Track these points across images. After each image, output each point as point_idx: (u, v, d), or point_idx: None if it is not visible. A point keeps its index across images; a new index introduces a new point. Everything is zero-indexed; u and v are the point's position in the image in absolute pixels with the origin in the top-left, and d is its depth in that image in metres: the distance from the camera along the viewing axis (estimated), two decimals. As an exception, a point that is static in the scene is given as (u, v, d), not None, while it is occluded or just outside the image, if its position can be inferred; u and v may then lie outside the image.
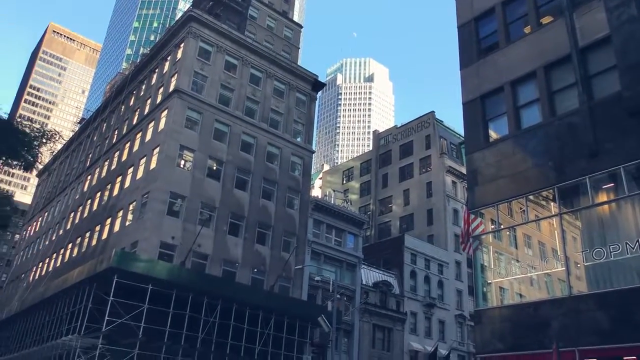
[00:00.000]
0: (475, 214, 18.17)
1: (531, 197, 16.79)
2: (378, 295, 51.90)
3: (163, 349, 32.56)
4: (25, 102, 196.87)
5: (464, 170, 51.69)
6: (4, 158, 12.20)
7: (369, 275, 52.71)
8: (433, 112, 68.38)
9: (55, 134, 13.04)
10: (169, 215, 39.19)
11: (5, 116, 13.81)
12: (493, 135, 18.93)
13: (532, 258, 17.12)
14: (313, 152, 53.49)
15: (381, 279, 53.27)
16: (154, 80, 49.36)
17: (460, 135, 65.46)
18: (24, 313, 44.31)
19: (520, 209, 17.11)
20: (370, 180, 71.83)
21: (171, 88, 43.91)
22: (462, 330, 58.23)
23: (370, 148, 79.69)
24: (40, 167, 49.28)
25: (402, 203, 66.40)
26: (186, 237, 38.35)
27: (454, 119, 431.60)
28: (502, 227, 17.87)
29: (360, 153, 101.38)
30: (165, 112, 43.13)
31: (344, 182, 76.76)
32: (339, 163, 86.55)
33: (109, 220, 44.23)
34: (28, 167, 12.57)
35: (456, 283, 59.90)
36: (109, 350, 31.31)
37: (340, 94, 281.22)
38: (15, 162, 12.36)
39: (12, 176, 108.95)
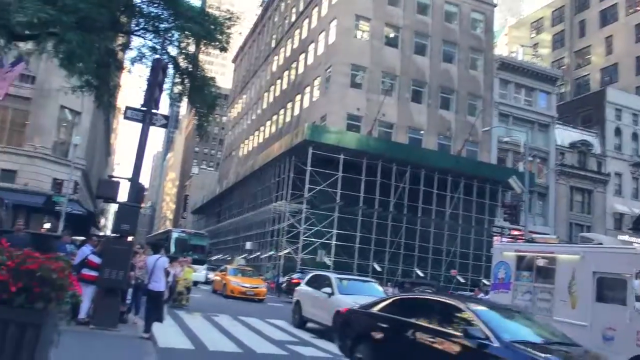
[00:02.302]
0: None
1: None
2: (576, 155, 48.35)
3: (359, 213, 35.29)
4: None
5: (688, 3, 42.97)
6: (204, 42, 13.50)
7: (565, 135, 48.97)
8: None
9: (241, 16, 13.93)
10: (352, 87, 40.29)
11: (199, 1, 15.01)
12: None
13: None
14: (495, 5, 48.85)
15: (579, 138, 49.19)
16: (324, -49, 48.40)
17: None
18: (239, 184, 51.13)
19: None
20: (564, 30, 63.89)
21: (342, -44, 42.74)
22: (678, 190, 52.13)
23: (565, -8, 69.91)
24: (233, 49, 53.15)
25: (603, 52, 58.41)
26: (370, 107, 39.27)
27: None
28: None
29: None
30: (339, -18, 42.54)
31: (533, 35, 69.50)
32: (526, 15, 77.89)
33: (298, 97, 47.01)
34: (223, 49, 13.80)
35: (673, 138, 52.71)
36: (312, 214, 35.03)
37: None
38: (212, 45, 13.65)
39: (212, 64, 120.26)
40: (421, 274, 36.42)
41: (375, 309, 8.52)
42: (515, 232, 31.47)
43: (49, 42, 11.97)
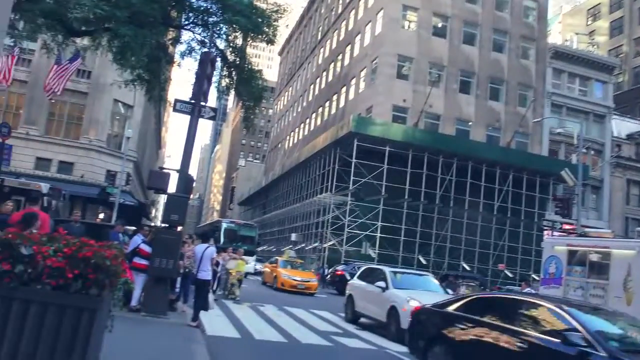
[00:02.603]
0: None
1: None
2: (633, 147, 46.33)
3: (404, 205, 35.00)
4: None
5: None
6: (251, 35, 13.71)
7: (622, 125, 46.96)
8: None
9: (287, 8, 14.10)
10: (398, 79, 39.88)
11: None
12: None
13: None
14: (550, -9, 47.20)
15: (637, 129, 47.07)
16: (370, -59, 47.91)
17: None
18: (284, 176, 51.60)
19: None
20: (622, 16, 60.97)
21: (388, -55, 42.21)
22: None
23: (624, -24, 66.68)
24: (280, 41, 53.44)
25: (666, 39, 55.49)
26: (417, 98, 38.76)
27: None
28: None
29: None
30: (385, -28, 42.06)
31: (589, 22, 66.69)
32: (582, 2, 74.80)
33: (344, 89, 46.90)
34: (270, 42, 14.00)
35: None
36: (357, 206, 35.00)
37: None
38: (259, 38, 13.84)
39: (259, 57, 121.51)
40: (467, 268, 35.85)
41: (450, 309, 7.77)
42: (567, 226, 30.46)
43: (103, 38, 12.39)
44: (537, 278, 34.31)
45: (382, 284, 13.12)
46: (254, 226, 40.92)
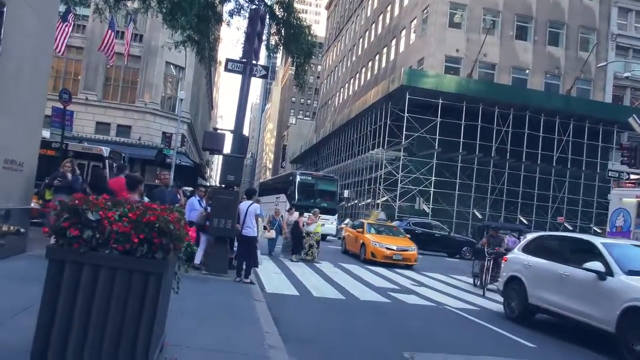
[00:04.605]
0: None
1: None
2: None
3: (459, 159, 34.23)
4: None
5: None
6: None
7: (696, 67, 43.66)
8: None
9: None
10: (450, 28, 38.41)
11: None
12: None
13: None
14: None
15: None
16: None
17: None
18: (335, 133, 51.34)
19: None
20: (699, -55, 55.84)
21: None
22: None
23: None
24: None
25: None
26: (470, 48, 37.28)
27: None
28: None
29: None
30: None
31: (661, -45, 61.49)
32: None
33: (394, 41, 45.64)
34: None
35: None
36: (410, 161, 34.54)
37: None
38: None
39: (306, 12, 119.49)
40: (525, 222, 34.98)
41: None
42: (635, 177, 28.93)
43: (152, -1, 12.37)
44: (598, 230, 33.19)
45: (596, 265, 7.96)
46: (334, 179, 34.33)
